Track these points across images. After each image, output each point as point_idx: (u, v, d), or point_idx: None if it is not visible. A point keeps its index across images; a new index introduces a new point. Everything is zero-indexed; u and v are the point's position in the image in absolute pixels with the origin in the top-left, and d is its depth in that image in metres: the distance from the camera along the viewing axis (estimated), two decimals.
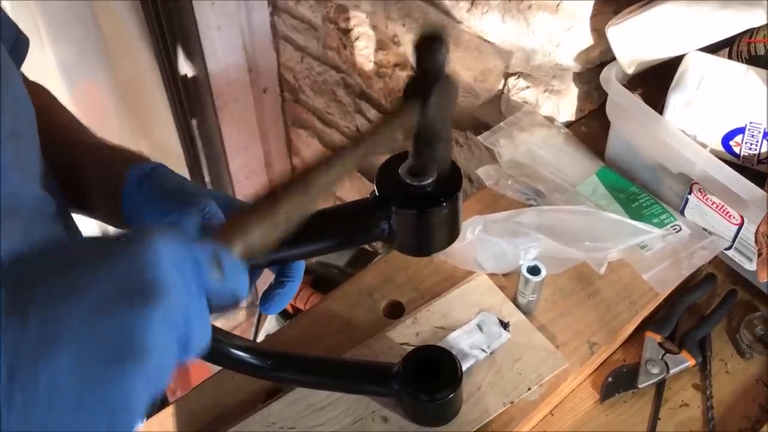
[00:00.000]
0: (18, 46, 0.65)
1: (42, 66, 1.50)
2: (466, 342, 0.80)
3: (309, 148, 1.83)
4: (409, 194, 0.53)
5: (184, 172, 1.83)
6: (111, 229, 0.67)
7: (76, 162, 0.64)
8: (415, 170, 0.55)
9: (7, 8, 1.45)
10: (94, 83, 1.62)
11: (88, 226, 0.77)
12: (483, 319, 0.82)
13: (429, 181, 0.54)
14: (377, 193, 0.55)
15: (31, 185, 0.57)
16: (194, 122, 1.67)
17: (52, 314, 0.33)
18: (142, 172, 0.59)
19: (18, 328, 0.32)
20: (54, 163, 0.61)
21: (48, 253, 0.36)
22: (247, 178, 1.87)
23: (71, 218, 0.64)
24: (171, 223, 0.43)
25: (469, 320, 0.83)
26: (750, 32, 0.88)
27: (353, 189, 1.75)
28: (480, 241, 0.85)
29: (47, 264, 0.35)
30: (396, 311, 0.89)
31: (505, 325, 0.82)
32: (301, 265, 0.59)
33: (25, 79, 0.61)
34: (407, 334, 0.83)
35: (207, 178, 1.81)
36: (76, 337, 0.33)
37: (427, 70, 0.50)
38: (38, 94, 0.62)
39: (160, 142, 1.81)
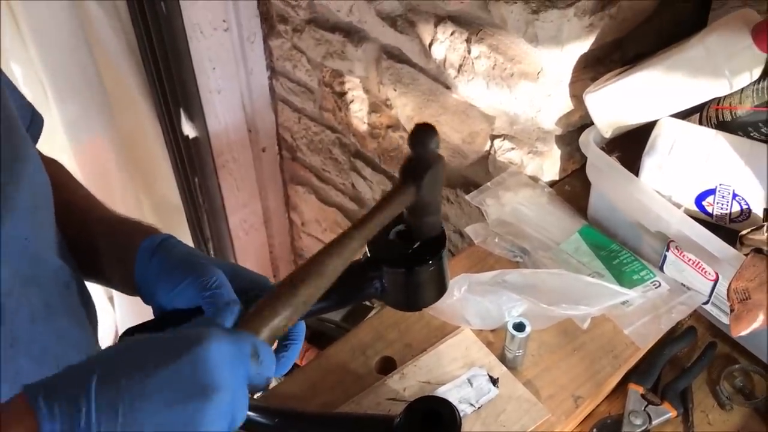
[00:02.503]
0: (34, 124, 0.69)
1: (48, 124, 1.55)
2: (456, 395, 0.83)
3: (307, 204, 1.89)
4: (399, 255, 0.59)
5: (185, 227, 1.87)
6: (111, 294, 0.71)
7: (90, 234, 0.68)
8: (403, 234, 0.60)
9: (17, 70, 1.52)
10: (97, 141, 1.67)
11: (96, 291, 0.81)
12: (474, 374, 0.86)
13: (416, 243, 0.60)
14: (369, 255, 0.61)
15: (49, 256, 0.61)
16: (195, 180, 1.72)
17: (135, 410, 0.41)
18: (153, 245, 0.63)
19: (112, 419, 0.40)
20: (69, 235, 0.65)
21: (125, 353, 0.44)
22: (246, 233, 1.92)
23: (84, 286, 0.68)
24: (215, 317, 0.51)
25: (455, 374, 0.87)
26: (717, 100, 0.94)
27: None
28: (466, 299, 0.89)
29: (127, 364, 0.43)
30: (388, 367, 0.92)
31: (494, 381, 0.85)
32: (302, 327, 0.63)
33: (41, 155, 0.65)
34: (395, 389, 0.87)
35: (207, 234, 1.85)
36: (155, 427, 0.41)
37: (420, 156, 0.57)
38: (54, 170, 0.66)
39: (162, 199, 1.86)
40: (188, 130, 1.63)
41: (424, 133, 0.56)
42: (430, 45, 1.18)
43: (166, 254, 0.62)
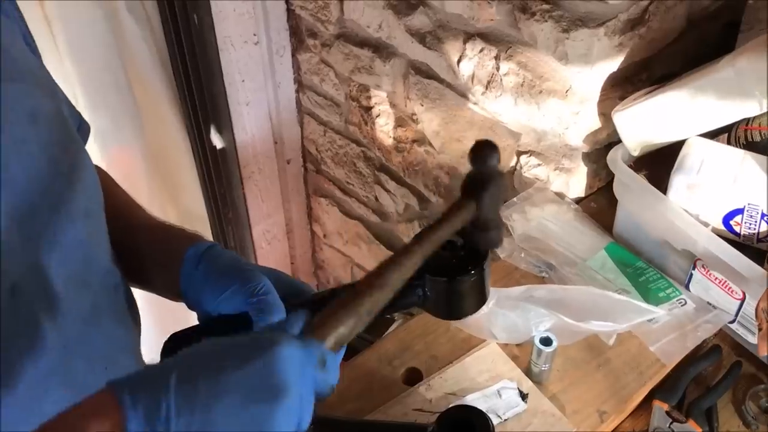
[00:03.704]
0: (81, 131, 0.72)
1: None
2: (484, 405, 0.84)
3: (329, 216, 1.90)
4: (442, 264, 0.60)
5: (208, 237, 1.89)
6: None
7: (134, 241, 0.70)
8: (447, 243, 0.61)
9: None
10: (127, 151, 1.70)
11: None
12: (503, 386, 0.87)
13: (459, 252, 0.61)
14: None
15: (101, 259, 0.63)
16: (221, 190, 1.75)
17: (210, 408, 0.43)
18: (198, 252, 0.65)
19: (188, 416, 0.43)
20: (112, 240, 0.67)
21: (203, 354, 0.46)
22: (269, 243, 1.94)
23: (130, 290, 0.70)
24: (282, 324, 0.51)
25: (481, 387, 0.88)
26: (746, 120, 0.95)
27: (371, 256, 1.81)
28: (493, 313, 0.90)
29: (204, 365, 0.45)
30: (414, 378, 0.93)
31: (523, 396, 0.86)
32: None
33: None
34: (421, 400, 0.88)
35: (231, 243, 1.87)
36: (227, 426, 0.44)
37: (481, 172, 0.58)
38: (100, 176, 0.68)
39: (187, 208, 1.89)
40: (216, 141, 1.65)
41: (485, 149, 0.57)
42: (459, 61, 1.20)
43: (212, 261, 0.64)
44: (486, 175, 0.57)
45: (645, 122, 0.98)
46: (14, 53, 0.58)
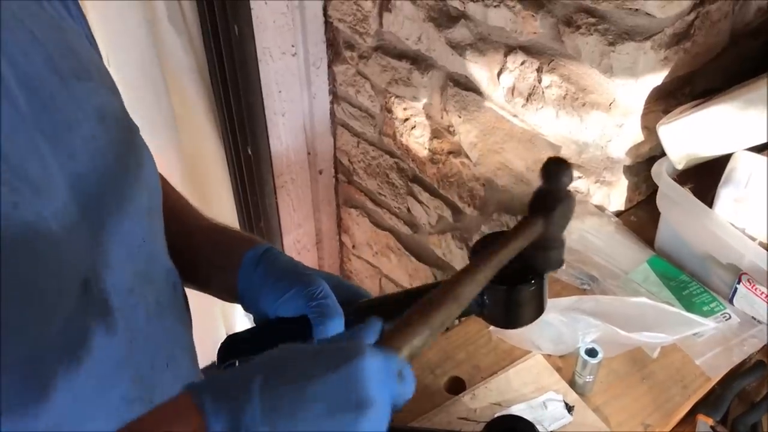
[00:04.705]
0: None
1: None
2: (529, 416, 0.84)
3: (359, 227, 1.91)
4: (501, 272, 0.60)
5: None
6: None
7: (191, 242, 0.71)
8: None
9: None
10: (161, 157, 1.71)
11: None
12: (549, 398, 0.87)
13: (518, 261, 0.61)
14: None
15: (161, 257, 0.64)
16: (254, 199, 1.76)
17: (295, 416, 0.42)
18: (257, 255, 0.66)
19: (272, 425, 0.42)
20: (170, 242, 0.68)
21: (286, 360, 0.45)
22: (298, 253, 1.95)
23: (184, 289, 0.71)
24: (358, 332, 0.50)
25: (526, 398, 0.88)
26: None
27: (401, 267, 1.81)
28: (539, 324, 0.90)
29: (288, 371, 0.44)
30: (457, 387, 0.93)
31: (569, 408, 0.86)
32: None
33: None
34: (465, 409, 0.88)
35: None
36: None
37: (552, 188, 0.57)
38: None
39: (218, 216, 1.90)
40: (251, 150, 1.67)
41: (557, 167, 0.56)
42: (499, 73, 1.21)
43: (270, 264, 0.65)
44: (557, 193, 0.57)
45: (692, 135, 0.98)
46: (81, 52, 0.60)
